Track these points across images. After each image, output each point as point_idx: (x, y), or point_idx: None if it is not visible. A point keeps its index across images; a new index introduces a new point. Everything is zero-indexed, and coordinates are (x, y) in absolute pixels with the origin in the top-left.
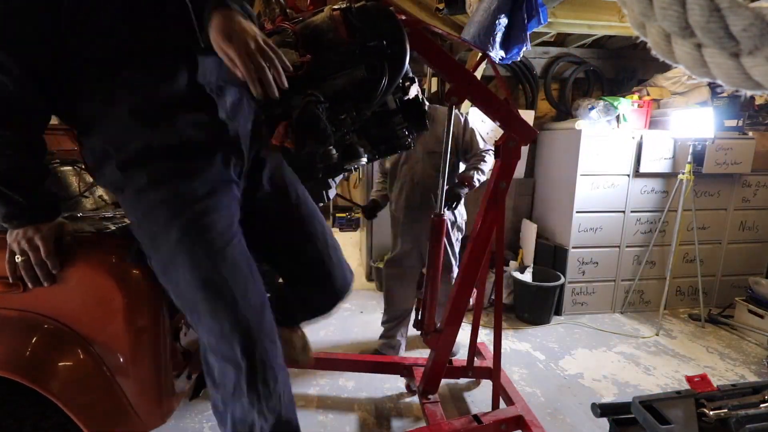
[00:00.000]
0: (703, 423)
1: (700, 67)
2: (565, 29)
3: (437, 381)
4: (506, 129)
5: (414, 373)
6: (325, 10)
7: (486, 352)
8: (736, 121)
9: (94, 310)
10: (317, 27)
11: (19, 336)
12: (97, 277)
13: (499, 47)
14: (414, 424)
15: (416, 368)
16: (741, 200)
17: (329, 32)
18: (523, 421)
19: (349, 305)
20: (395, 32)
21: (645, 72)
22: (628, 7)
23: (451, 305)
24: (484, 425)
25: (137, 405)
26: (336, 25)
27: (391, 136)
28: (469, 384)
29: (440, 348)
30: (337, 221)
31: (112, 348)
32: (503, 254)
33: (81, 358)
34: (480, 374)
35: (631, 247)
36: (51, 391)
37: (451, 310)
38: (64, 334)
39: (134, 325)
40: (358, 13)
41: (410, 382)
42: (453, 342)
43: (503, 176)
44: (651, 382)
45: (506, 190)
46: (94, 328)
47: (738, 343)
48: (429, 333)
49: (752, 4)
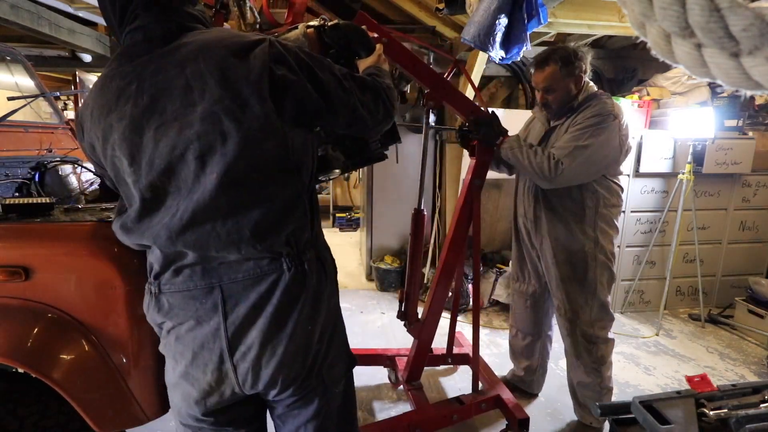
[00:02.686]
0: (703, 423)
1: (700, 67)
2: (565, 29)
3: (420, 368)
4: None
5: (397, 364)
6: (299, 27)
7: (463, 341)
8: (736, 121)
9: (95, 298)
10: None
11: (21, 325)
12: (99, 265)
13: (499, 47)
14: (399, 411)
15: (399, 359)
16: (741, 200)
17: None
18: (501, 399)
19: (349, 305)
20: (367, 47)
21: (645, 72)
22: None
23: (431, 297)
24: (466, 406)
25: (139, 394)
26: (310, 41)
27: (365, 147)
28: (447, 370)
29: (423, 337)
30: (337, 221)
31: (114, 336)
32: (480, 249)
33: (83, 347)
34: (458, 360)
35: (631, 247)
36: (53, 379)
37: (431, 302)
38: (66, 323)
39: (136, 313)
40: (330, 30)
41: (392, 373)
42: (434, 331)
43: (478, 174)
44: (651, 382)
45: (481, 187)
46: (95, 316)
47: (738, 343)
48: (412, 323)
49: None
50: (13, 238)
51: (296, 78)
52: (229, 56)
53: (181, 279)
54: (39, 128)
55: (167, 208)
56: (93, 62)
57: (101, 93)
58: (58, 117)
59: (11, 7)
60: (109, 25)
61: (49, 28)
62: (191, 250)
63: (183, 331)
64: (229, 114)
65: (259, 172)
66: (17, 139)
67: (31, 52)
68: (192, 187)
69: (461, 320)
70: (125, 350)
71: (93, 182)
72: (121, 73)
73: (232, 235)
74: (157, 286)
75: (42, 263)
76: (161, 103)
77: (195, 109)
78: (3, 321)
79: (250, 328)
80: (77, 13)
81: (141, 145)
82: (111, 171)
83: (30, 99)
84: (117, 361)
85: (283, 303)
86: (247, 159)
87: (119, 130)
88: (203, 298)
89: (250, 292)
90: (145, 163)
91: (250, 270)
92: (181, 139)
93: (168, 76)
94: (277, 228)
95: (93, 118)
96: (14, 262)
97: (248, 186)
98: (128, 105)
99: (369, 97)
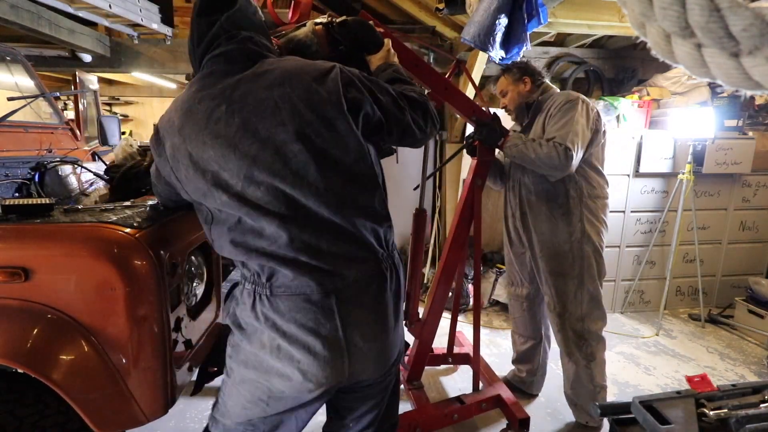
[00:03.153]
0: (703, 423)
1: (700, 67)
2: (565, 29)
3: (421, 368)
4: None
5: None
6: (308, 25)
7: (463, 340)
8: (736, 121)
9: (95, 299)
10: (300, 41)
11: (21, 325)
12: (99, 266)
13: (499, 47)
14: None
15: None
16: (741, 200)
17: (312, 45)
18: (501, 399)
19: None
20: (375, 42)
21: (645, 72)
22: (628, 7)
23: (432, 298)
24: (467, 405)
25: (138, 395)
26: (318, 38)
27: None
28: (447, 370)
29: (423, 337)
30: None
31: (114, 337)
32: (480, 249)
33: (83, 348)
34: (459, 360)
35: (631, 247)
36: (53, 380)
37: (432, 302)
38: (66, 324)
39: (136, 314)
40: (339, 27)
41: None
42: (435, 331)
43: (479, 174)
44: (651, 382)
45: (482, 187)
46: (95, 317)
47: (738, 343)
48: (413, 323)
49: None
50: (12, 238)
51: (363, 97)
52: (311, 82)
53: (296, 283)
54: (39, 128)
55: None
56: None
57: (190, 114)
58: (58, 117)
59: (11, 7)
60: (191, 53)
61: (49, 28)
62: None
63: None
64: (319, 135)
65: (354, 184)
66: (17, 140)
67: (31, 52)
68: None
69: (461, 320)
70: (125, 351)
71: (93, 182)
72: (209, 96)
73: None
74: (269, 288)
75: (41, 264)
76: (252, 124)
77: (286, 128)
78: (2, 322)
79: (364, 327)
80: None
81: (238, 159)
82: (196, 184)
83: (30, 99)
84: (116, 362)
85: (389, 301)
86: (340, 173)
87: (214, 147)
88: (321, 302)
89: (363, 295)
90: (243, 176)
91: (359, 274)
92: (279, 157)
93: (257, 98)
94: (375, 234)
95: (182, 135)
96: (14, 262)
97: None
98: (220, 124)
99: (419, 114)
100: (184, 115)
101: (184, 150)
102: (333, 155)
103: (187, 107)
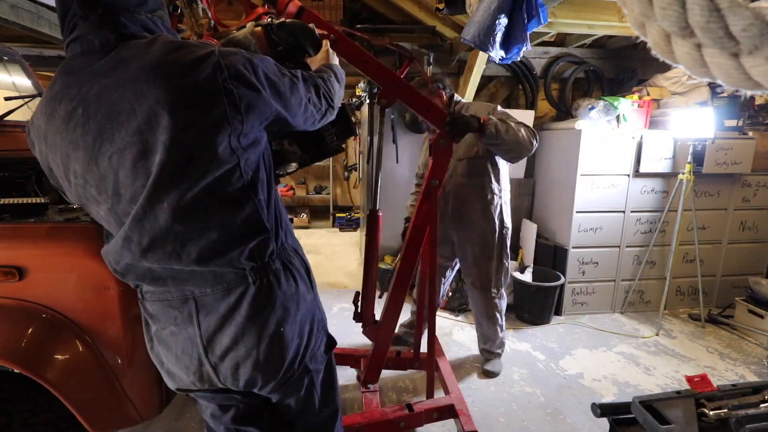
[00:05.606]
0: (703, 423)
1: (700, 67)
2: (565, 29)
3: (377, 371)
4: (437, 127)
5: (362, 364)
6: (247, 26)
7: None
8: (736, 121)
9: (89, 298)
10: (239, 42)
11: (15, 325)
12: (93, 265)
13: (499, 47)
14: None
15: (364, 359)
16: (741, 200)
17: (251, 47)
18: (454, 409)
19: (349, 305)
20: (314, 44)
21: (645, 72)
22: (628, 7)
23: (388, 300)
24: (416, 413)
25: (133, 395)
26: (257, 40)
27: (321, 141)
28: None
29: (379, 340)
30: (337, 221)
31: (108, 337)
32: (436, 247)
33: (77, 347)
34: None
35: (631, 247)
36: (47, 379)
37: (388, 304)
38: (60, 323)
39: (129, 313)
40: (277, 29)
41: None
42: (391, 334)
43: (435, 174)
44: (651, 382)
45: (438, 187)
46: (89, 316)
47: (738, 343)
48: (368, 325)
49: (752, 4)
50: (6, 238)
51: (252, 92)
52: (174, 78)
53: (160, 289)
54: None
55: (128, 235)
56: None
57: (51, 119)
58: None
59: (11, 7)
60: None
61: (49, 28)
62: (159, 269)
63: (165, 335)
64: (178, 144)
65: (212, 198)
66: (14, 139)
67: (31, 52)
68: (145, 217)
69: (461, 320)
70: (119, 350)
71: None
72: (67, 96)
73: (192, 256)
74: (140, 293)
75: (36, 263)
76: (108, 131)
77: (143, 137)
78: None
79: (223, 336)
80: None
81: (101, 174)
82: (75, 193)
83: (27, 99)
84: (111, 362)
85: (251, 313)
86: (199, 187)
87: (77, 160)
88: (180, 308)
89: (221, 303)
90: (111, 193)
91: (218, 284)
92: (135, 170)
93: (111, 99)
94: (238, 246)
95: (48, 144)
96: (8, 262)
97: (202, 212)
98: (77, 132)
99: (312, 92)
100: (47, 120)
101: (52, 159)
102: (193, 168)
103: (49, 111)
